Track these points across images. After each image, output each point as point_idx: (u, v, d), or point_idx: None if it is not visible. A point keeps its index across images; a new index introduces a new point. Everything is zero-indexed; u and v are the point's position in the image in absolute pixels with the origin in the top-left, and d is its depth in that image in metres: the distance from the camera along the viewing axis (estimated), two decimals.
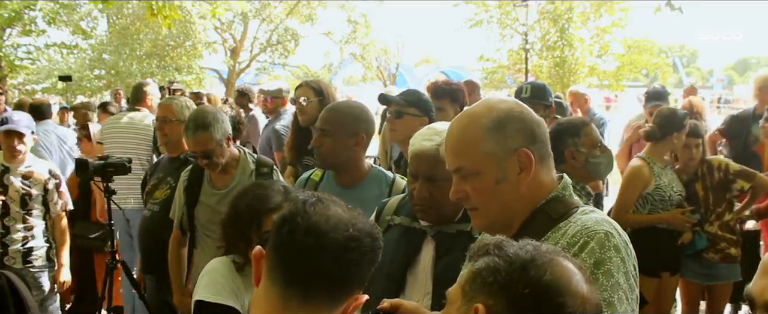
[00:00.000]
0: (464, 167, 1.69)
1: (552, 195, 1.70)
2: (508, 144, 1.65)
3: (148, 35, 25.42)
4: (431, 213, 2.28)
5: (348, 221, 1.35)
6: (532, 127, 1.69)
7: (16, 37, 23.57)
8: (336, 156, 2.97)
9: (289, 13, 27.66)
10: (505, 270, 1.21)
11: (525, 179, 1.66)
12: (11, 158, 4.37)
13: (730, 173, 4.39)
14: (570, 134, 3.38)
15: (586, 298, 1.21)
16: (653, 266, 4.16)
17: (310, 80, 4.54)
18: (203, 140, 3.44)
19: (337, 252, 1.32)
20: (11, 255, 4.39)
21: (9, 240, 4.38)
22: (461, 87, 4.76)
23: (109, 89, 18.02)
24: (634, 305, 1.56)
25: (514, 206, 1.68)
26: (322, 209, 1.36)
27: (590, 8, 22.60)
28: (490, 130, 1.66)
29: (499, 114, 1.68)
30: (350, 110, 3.08)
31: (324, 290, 1.35)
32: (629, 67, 23.78)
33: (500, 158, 1.65)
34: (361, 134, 2.97)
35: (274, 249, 1.37)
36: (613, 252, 1.55)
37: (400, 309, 1.75)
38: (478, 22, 24.17)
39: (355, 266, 1.35)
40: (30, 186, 4.43)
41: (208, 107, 4.10)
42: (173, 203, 3.78)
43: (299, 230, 1.32)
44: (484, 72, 24.26)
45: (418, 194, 2.27)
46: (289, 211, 1.38)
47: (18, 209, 4.40)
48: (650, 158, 4.30)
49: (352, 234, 1.33)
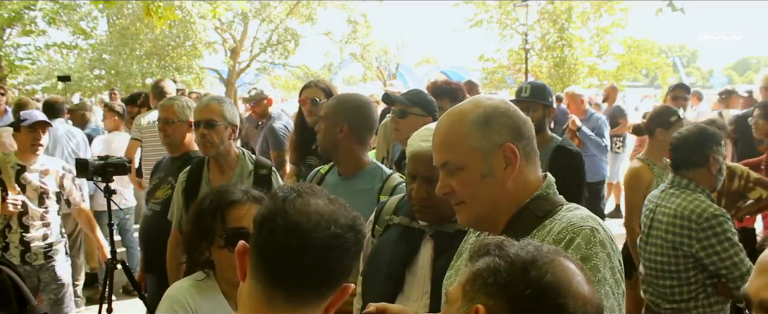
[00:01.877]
0: (450, 162, 1.71)
1: (537, 193, 1.72)
2: (494, 139, 1.68)
3: (148, 35, 25.37)
4: (429, 213, 2.30)
5: (329, 217, 1.33)
6: (519, 124, 1.72)
7: (16, 37, 23.56)
8: (326, 142, 3.11)
9: (289, 14, 27.62)
10: (506, 270, 1.21)
11: (510, 174, 1.69)
12: (32, 154, 4.45)
13: (750, 181, 4.35)
14: (716, 142, 3.49)
15: (587, 299, 1.21)
16: None
17: (318, 81, 4.57)
18: (212, 109, 3.52)
19: (319, 252, 1.31)
20: (33, 252, 4.47)
21: (30, 237, 4.44)
22: (461, 86, 4.78)
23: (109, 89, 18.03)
24: (620, 299, 1.58)
25: (500, 203, 1.70)
26: (302, 205, 1.33)
27: (590, 8, 22.59)
28: (477, 125, 1.69)
29: (486, 110, 1.71)
30: (341, 98, 3.25)
31: (308, 287, 1.34)
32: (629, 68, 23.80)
33: (486, 153, 1.68)
34: (344, 123, 3.05)
35: (256, 248, 1.36)
36: (599, 248, 1.57)
37: (386, 312, 1.76)
38: (478, 22, 24.16)
39: (339, 262, 1.34)
40: (46, 183, 4.50)
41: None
42: (172, 204, 3.79)
43: (279, 231, 1.31)
44: (484, 72, 24.26)
45: (416, 194, 2.29)
46: (269, 210, 1.35)
47: (36, 206, 4.46)
48: (649, 159, 4.30)
49: (334, 232, 1.32)
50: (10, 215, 4.37)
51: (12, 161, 4.42)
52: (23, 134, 4.40)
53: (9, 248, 4.40)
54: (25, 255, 4.43)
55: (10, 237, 4.40)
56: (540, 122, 4.02)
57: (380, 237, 2.46)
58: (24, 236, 4.42)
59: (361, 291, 2.44)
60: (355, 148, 3.10)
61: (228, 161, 3.61)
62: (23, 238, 4.42)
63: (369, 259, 2.45)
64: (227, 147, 3.59)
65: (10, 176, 4.36)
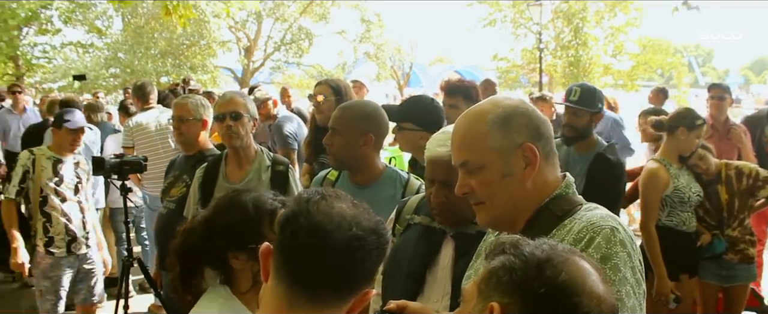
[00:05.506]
0: (470, 161, 1.71)
1: (556, 193, 1.71)
2: (513, 139, 1.67)
3: (162, 34, 25.54)
4: (449, 217, 2.29)
5: (352, 219, 1.33)
6: (538, 123, 1.71)
7: (33, 36, 23.80)
8: (346, 155, 2.99)
9: (302, 12, 27.69)
10: (521, 268, 1.21)
11: (530, 174, 1.68)
12: (69, 152, 4.59)
13: (758, 180, 4.33)
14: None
15: (602, 298, 1.21)
16: (671, 269, 4.13)
17: (330, 79, 4.56)
18: (237, 101, 3.58)
19: (341, 253, 1.31)
20: (79, 241, 4.59)
21: (74, 227, 4.56)
22: (474, 85, 4.75)
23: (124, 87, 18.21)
24: (640, 299, 1.57)
25: (520, 202, 1.69)
26: (325, 207, 1.34)
27: (604, 7, 22.49)
28: (496, 125, 1.68)
29: (505, 110, 1.70)
30: (361, 109, 3.09)
31: (330, 289, 1.34)
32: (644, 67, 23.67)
33: (505, 153, 1.67)
34: (369, 134, 2.98)
35: (279, 248, 1.36)
36: (620, 247, 1.56)
37: (406, 310, 1.75)
38: (492, 21, 24.13)
39: (360, 264, 1.34)
40: (79, 175, 4.64)
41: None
42: (188, 199, 3.81)
43: (302, 231, 1.32)
44: (498, 71, 24.22)
45: (434, 199, 2.29)
46: (292, 211, 1.36)
47: (74, 197, 4.58)
48: (665, 159, 4.24)
49: (356, 234, 1.32)
50: (52, 207, 4.49)
51: (47, 153, 4.56)
52: (64, 132, 4.53)
53: (54, 241, 4.50)
54: (71, 245, 4.56)
55: (53, 229, 4.50)
56: (585, 128, 3.99)
57: (401, 236, 2.45)
58: (68, 226, 4.53)
59: (381, 290, 2.43)
60: (374, 156, 3.06)
61: (247, 156, 3.63)
62: (68, 228, 4.53)
63: (389, 258, 2.44)
64: (249, 141, 3.62)
65: (45, 167, 4.50)
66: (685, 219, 4.25)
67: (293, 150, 5.54)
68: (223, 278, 1.95)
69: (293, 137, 5.60)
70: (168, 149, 5.77)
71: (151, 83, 6.74)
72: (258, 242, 1.58)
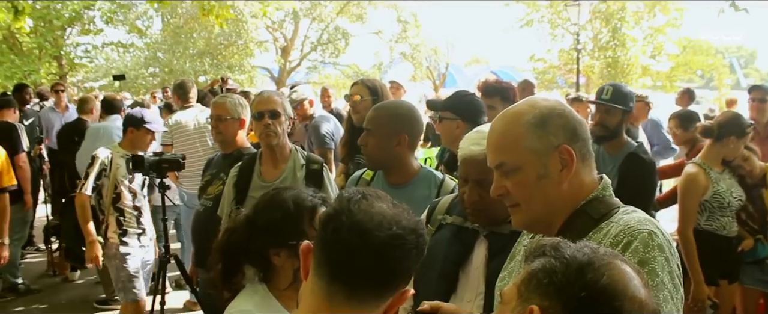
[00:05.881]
0: (506, 163, 1.70)
1: (592, 195, 1.69)
2: (550, 141, 1.66)
3: (201, 34, 25.89)
4: (482, 216, 2.28)
5: (392, 219, 1.35)
6: (574, 125, 1.70)
7: (75, 36, 24.30)
8: (380, 156, 3.02)
9: (339, 13, 27.81)
10: (562, 271, 1.19)
11: (566, 176, 1.66)
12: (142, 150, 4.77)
13: None
14: None
15: (643, 303, 1.19)
16: (711, 273, 4.06)
17: (366, 79, 4.57)
18: (275, 101, 3.63)
19: (381, 250, 1.33)
20: (147, 234, 4.83)
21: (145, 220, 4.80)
22: (511, 86, 4.73)
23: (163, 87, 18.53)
24: (678, 305, 1.55)
25: (556, 205, 1.68)
26: (366, 206, 1.36)
27: (644, 8, 22.18)
28: (533, 126, 1.67)
29: (542, 111, 1.69)
30: (394, 109, 3.11)
31: (369, 286, 1.36)
32: (684, 68, 23.30)
33: (542, 154, 1.66)
34: (403, 134, 2.99)
35: (320, 246, 1.39)
36: (657, 251, 1.53)
37: (440, 311, 1.75)
38: (529, 22, 23.99)
39: (399, 263, 1.36)
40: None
41: None
42: (222, 198, 3.85)
43: (343, 229, 1.34)
44: (534, 72, 24.05)
45: (468, 198, 2.28)
46: (334, 208, 1.39)
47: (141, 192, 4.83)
48: (706, 163, 4.15)
49: (396, 232, 1.34)
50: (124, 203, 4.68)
51: (121, 152, 4.72)
52: (143, 132, 4.76)
53: (127, 233, 4.69)
54: (141, 238, 4.77)
55: (126, 223, 4.69)
56: (617, 127, 3.94)
57: (433, 236, 2.45)
58: (139, 219, 4.75)
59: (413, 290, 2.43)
60: (408, 156, 3.07)
61: (283, 154, 3.66)
62: (139, 221, 4.75)
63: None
64: (285, 139, 3.65)
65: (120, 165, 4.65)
66: (725, 224, 4.16)
67: (330, 150, 5.58)
68: (262, 275, 1.98)
69: (330, 137, 5.64)
70: (206, 147, 5.85)
71: (191, 82, 6.84)
72: (298, 238, 1.64)
